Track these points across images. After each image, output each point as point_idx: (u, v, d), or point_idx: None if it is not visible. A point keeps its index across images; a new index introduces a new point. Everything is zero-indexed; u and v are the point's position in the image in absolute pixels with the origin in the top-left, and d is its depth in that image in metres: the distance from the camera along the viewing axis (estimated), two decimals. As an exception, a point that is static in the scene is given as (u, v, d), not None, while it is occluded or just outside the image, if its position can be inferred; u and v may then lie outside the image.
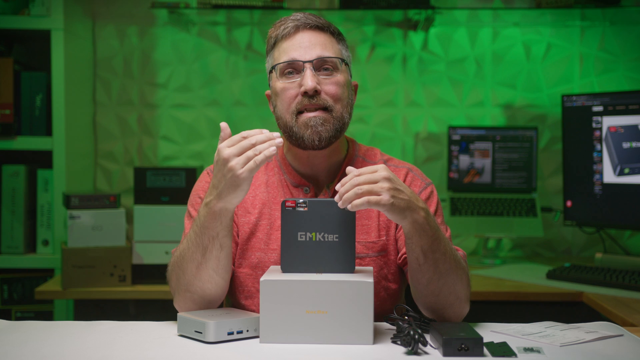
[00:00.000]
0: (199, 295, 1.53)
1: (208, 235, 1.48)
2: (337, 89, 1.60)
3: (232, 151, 1.42)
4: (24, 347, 1.38)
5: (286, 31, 1.63)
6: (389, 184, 1.40)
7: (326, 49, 1.61)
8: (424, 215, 1.44)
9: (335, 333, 1.38)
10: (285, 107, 1.61)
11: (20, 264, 2.78)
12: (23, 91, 2.77)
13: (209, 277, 1.51)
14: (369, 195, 1.38)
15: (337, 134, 1.62)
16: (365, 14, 2.99)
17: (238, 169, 1.41)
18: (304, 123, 1.59)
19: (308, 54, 1.60)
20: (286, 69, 1.61)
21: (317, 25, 1.63)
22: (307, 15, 1.64)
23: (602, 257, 2.66)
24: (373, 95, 3.12)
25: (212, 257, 1.49)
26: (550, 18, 3.02)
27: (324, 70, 1.61)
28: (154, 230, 2.53)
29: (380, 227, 1.65)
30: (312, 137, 1.59)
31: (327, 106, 1.59)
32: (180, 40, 3.12)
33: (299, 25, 1.62)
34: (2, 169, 2.80)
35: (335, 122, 1.60)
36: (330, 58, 1.61)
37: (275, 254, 1.64)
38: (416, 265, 1.48)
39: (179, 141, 3.14)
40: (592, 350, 1.37)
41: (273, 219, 1.66)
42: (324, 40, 1.62)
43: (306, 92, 1.57)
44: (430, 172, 3.09)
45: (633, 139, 2.60)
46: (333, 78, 1.61)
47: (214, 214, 1.46)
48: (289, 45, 1.62)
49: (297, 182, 1.68)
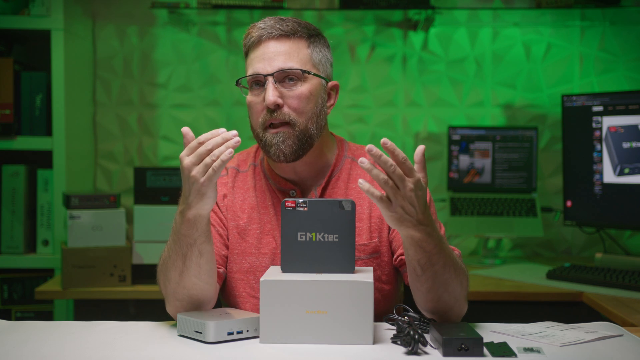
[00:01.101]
0: (187, 302, 1.52)
1: (186, 243, 1.46)
2: (299, 103, 1.58)
3: (191, 160, 1.39)
4: (24, 347, 1.38)
5: (251, 41, 1.60)
6: (407, 200, 1.34)
7: (290, 58, 1.58)
8: (425, 233, 1.39)
9: (335, 333, 1.37)
10: (255, 121, 1.61)
11: (20, 264, 2.78)
12: (23, 91, 2.77)
13: (192, 284, 1.50)
14: (387, 187, 1.34)
15: (303, 146, 1.59)
16: (365, 14, 2.99)
17: (199, 178, 1.38)
18: (268, 140, 1.58)
19: (269, 66, 1.57)
20: (252, 82, 1.60)
21: (281, 34, 1.59)
22: (274, 21, 1.60)
23: (602, 257, 2.66)
24: (373, 95, 3.12)
25: (193, 264, 1.47)
26: (550, 18, 3.02)
27: (289, 80, 1.58)
28: (154, 230, 2.53)
29: (372, 229, 1.65)
30: (277, 153, 1.58)
31: (290, 121, 1.57)
32: (180, 40, 3.12)
33: (262, 35, 1.59)
34: (2, 169, 2.80)
35: (299, 135, 1.58)
36: (292, 70, 1.57)
37: (267, 258, 1.63)
38: (414, 276, 1.47)
39: (179, 141, 3.14)
40: (592, 351, 1.37)
41: (263, 223, 1.65)
42: (288, 48, 1.59)
43: (268, 107, 1.56)
44: (431, 172, 3.10)
45: (633, 139, 2.60)
46: (296, 90, 1.58)
47: (189, 222, 1.44)
48: (254, 57, 1.60)
49: (282, 187, 1.67)
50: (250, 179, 1.70)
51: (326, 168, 1.68)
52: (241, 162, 1.74)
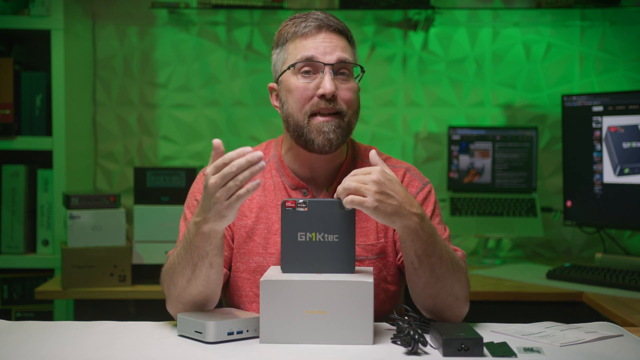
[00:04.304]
0: (191, 306, 1.52)
1: (197, 254, 1.45)
2: (351, 95, 1.59)
3: (216, 181, 1.34)
4: (24, 347, 1.38)
5: (307, 30, 1.59)
6: (377, 187, 1.39)
7: (346, 53, 1.60)
8: (417, 220, 1.42)
9: (335, 333, 1.38)
10: (299, 106, 1.58)
11: (20, 264, 2.78)
12: (23, 91, 2.77)
13: (198, 292, 1.50)
14: (354, 194, 1.39)
15: (344, 139, 1.61)
16: (365, 14, 2.99)
17: (222, 201, 1.35)
18: (316, 127, 1.57)
19: (329, 56, 1.57)
20: (304, 67, 1.58)
21: (338, 29, 1.60)
22: (329, 16, 1.62)
23: (602, 257, 2.66)
24: (373, 95, 3.12)
25: (202, 274, 1.47)
26: (550, 18, 3.02)
27: (341, 74, 1.59)
28: (154, 230, 2.53)
29: (379, 230, 1.65)
30: (324, 142, 1.57)
31: (341, 111, 1.58)
32: (180, 40, 3.12)
33: (322, 25, 1.59)
34: (2, 169, 2.80)
35: (345, 127, 1.59)
36: (351, 63, 1.59)
37: (274, 257, 1.63)
38: (412, 269, 1.48)
39: (179, 141, 3.14)
40: (592, 351, 1.37)
41: (270, 223, 1.65)
42: (344, 44, 1.60)
43: (324, 95, 1.55)
44: (430, 172, 3.10)
45: (633, 139, 2.60)
46: (349, 84, 1.59)
47: (203, 235, 1.42)
48: (310, 44, 1.58)
49: (295, 185, 1.66)
50: (260, 178, 1.68)
51: (338, 167, 1.68)
52: None
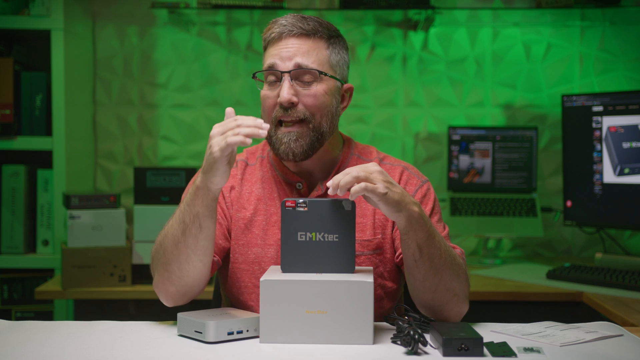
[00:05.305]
0: (177, 276, 1.52)
1: (190, 213, 1.48)
2: (314, 101, 1.59)
3: (217, 129, 1.42)
4: (24, 347, 1.38)
5: (272, 36, 1.61)
6: (383, 176, 1.41)
7: (308, 58, 1.59)
8: (418, 210, 1.44)
9: (335, 333, 1.38)
10: (267, 115, 1.61)
11: (20, 264, 2.78)
12: (23, 91, 2.77)
13: (186, 257, 1.50)
14: (365, 182, 1.38)
15: (314, 145, 1.60)
16: (365, 14, 2.99)
17: (214, 146, 1.40)
18: (279, 138, 1.59)
19: (286, 64, 1.58)
20: (268, 76, 1.61)
21: (302, 33, 1.60)
22: (296, 19, 1.61)
23: (602, 257, 2.66)
24: (373, 95, 3.12)
25: (191, 235, 1.49)
26: (550, 18, 3.02)
27: (305, 80, 1.59)
28: (154, 230, 2.51)
29: (376, 226, 1.65)
30: (287, 152, 1.59)
31: (305, 118, 1.58)
32: (180, 40, 3.12)
33: (283, 31, 1.60)
34: (2, 169, 2.80)
35: (312, 133, 1.59)
36: (309, 69, 1.58)
37: (272, 249, 1.64)
38: (412, 262, 1.48)
39: (179, 141, 3.14)
40: (592, 350, 1.37)
41: (269, 215, 1.66)
42: (307, 47, 1.59)
43: (281, 103, 1.57)
44: (430, 172, 3.10)
45: (633, 139, 2.60)
46: (311, 89, 1.58)
47: (197, 189, 1.46)
48: (273, 51, 1.61)
49: (290, 179, 1.68)
50: (257, 171, 1.71)
51: (333, 163, 1.69)
52: (250, 155, 1.75)
